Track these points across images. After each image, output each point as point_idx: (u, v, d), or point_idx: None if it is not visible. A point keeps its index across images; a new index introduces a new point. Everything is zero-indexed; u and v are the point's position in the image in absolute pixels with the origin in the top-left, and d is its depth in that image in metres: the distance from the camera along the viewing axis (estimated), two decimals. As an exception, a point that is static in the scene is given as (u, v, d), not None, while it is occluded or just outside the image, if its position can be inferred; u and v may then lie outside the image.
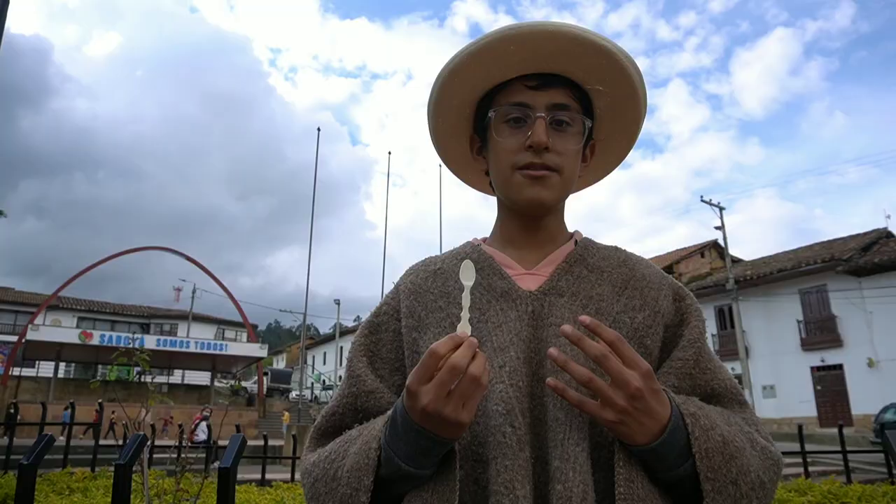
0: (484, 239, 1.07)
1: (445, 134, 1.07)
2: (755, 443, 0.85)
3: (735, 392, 0.93)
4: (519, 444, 0.79)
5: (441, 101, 1.01)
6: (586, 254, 0.98)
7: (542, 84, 0.94)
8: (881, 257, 21.62)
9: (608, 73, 0.95)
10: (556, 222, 1.02)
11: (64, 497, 4.79)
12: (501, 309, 0.91)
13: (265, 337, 66.84)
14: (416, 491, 0.81)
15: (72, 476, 5.90)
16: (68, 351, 27.94)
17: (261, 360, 32.66)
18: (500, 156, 0.96)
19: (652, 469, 0.80)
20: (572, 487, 0.75)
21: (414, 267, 1.07)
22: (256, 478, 6.76)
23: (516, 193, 0.95)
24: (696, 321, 0.95)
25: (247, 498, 4.69)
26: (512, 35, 0.92)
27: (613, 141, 1.06)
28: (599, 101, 0.99)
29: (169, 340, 30.22)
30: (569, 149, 0.94)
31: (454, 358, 0.72)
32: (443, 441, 0.76)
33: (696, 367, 0.90)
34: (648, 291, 0.95)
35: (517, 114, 0.94)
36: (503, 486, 0.76)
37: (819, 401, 23.08)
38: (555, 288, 0.93)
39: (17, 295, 40.61)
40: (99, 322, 39.74)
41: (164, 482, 4.19)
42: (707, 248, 31.87)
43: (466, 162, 1.10)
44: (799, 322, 24.01)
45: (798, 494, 4.88)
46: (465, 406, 0.73)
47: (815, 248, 26.14)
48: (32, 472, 1.81)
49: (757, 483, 0.81)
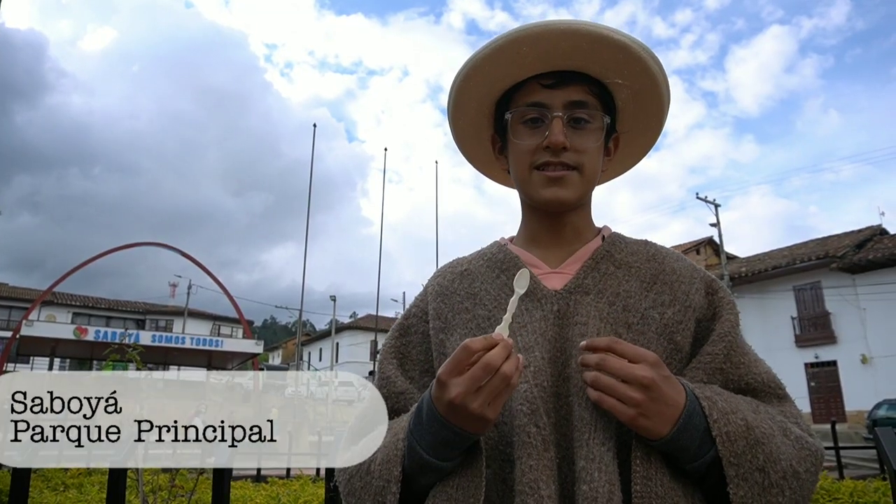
0: (511, 238, 1.07)
1: (467, 136, 1.08)
2: (788, 432, 0.83)
3: (773, 386, 0.91)
4: (544, 443, 0.79)
5: (458, 105, 1.02)
6: (613, 250, 0.97)
7: (558, 82, 0.94)
8: (875, 254, 21.72)
9: (626, 67, 0.94)
10: (581, 219, 1.01)
11: (59, 493, 4.79)
12: (527, 309, 0.91)
13: (261, 333, 66.80)
14: (442, 486, 0.81)
15: (66, 472, 5.88)
16: (63, 347, 27.84)
17: (256, 357, 32.62)
18: (518, 157, 0.96)
19: (677, 462, 0.79)
20: (598, 488, 0.74)
21: (442, 269, 1.07)
22: (252, 474, 6.77)
23: (535, 193, 0.95)
24: (729, 314, 0.93)
25: (242, 494, 4.70)
26: (523, 36, 0.91)
27: (638, 132, 1.05)
28: (620, 94, 0.98)
29: (164, 336, 30.15)
30: (588, 146, 0.93)
31: (490, 355, 0.73)
32: (466, 435, 0.77)
33: (726, 361, 0.88)
34: (679, 286, 0.94)
35: (534, 114, 0.94)
36: (528, 485, 0.76)
37: (813, 397, 23.19)
38: (581, 286, 0.92)
39: (11, 290, 40.43)
40: (94, 318, 39.57)
41: (159, 478, 4.19)
42: (702, 244, 31.97)
43: (490, 161, 1.10)
44: (793, 318, 24.12)
45: (791, 490, 4.90)
46: (491, 404, 0.74)
47: (810, 245, 26.23)
48: (26, 469, 1.80)
49: (789, 472, 0.79)
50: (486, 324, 0.92)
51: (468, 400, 0.73)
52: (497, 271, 0.98)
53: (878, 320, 21.28)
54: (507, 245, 1.03)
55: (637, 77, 0.95)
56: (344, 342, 46.07)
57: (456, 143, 1.10)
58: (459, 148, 1.11)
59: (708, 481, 0.80)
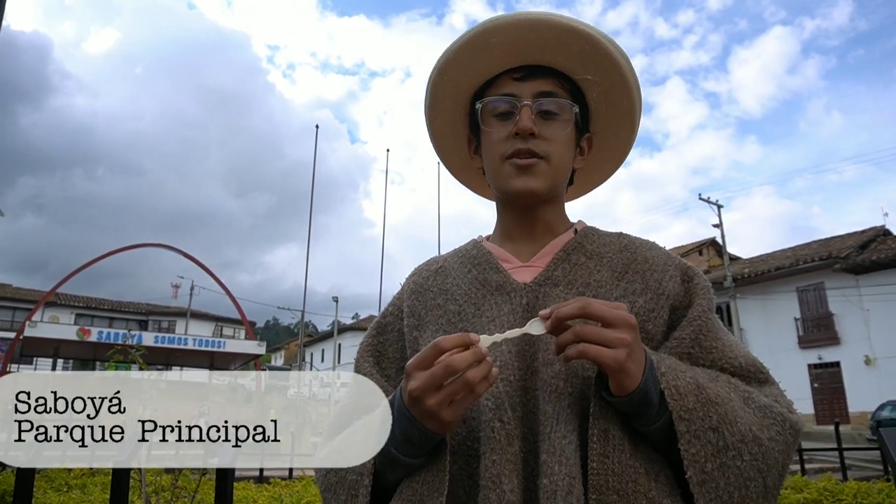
0: (488, 237, 1.07)
1: (444, 136, 1.08)
2: (750, 401, 0.81)
3: (753, 369, 0.88)
4: (508, 438, 0.79)
5: (434, 102, 1.02)
6: (585, 241, 0.97)
7: (527, 75, 0.95)
8: (879, 255, 21.67)
9: (594, 61, 0.94)
10: (554, 213, 1.01)
11: (62, 493, 4.80)
12: (496, 303, 0.91)
13: (263, 334, 66.80)
14: (408, 482, 0.82)
15: (70, 473, 5.90)
16: (66, 347, 27.89)
17: (259, 358, 32.64)
18: (489, 147, 0.97)
19: (639, 424, 0.78)
20: (557, 481, 0.74)
21: (419, 267, 1.08)
22: (255, 474, 6.77)
23: (506, 183, 0.95)
24: (701, 300, 0.91)
25: (245, 495, 4.70)
26: (493, 27, 0.92)
27: (612, 134, 1.05)
28: (591, 92, 0.99)
29: (167, 337, 30.19)
30: (557, 135, 0.94)
31: (454, 357, 0.73)
32: (427, 433, 0.77)
33: (694, 345, 0.86)
34: (651, 274, 0.93)
35: (505, 104, 0.94)
36: (491, 480, 0.76)
37: (816, 398, 23.14)
38: (550, 278, 0.92)
39: (14, 291, 40.53)
40: (97, 319, 39.66)
41: (162, 479, 4.19)
42: (705, 245, 31.94)
43: (466, 163, 1.10)
44: (796, 320, 24.06)
45: (794, 491, 4.89)
46: (450, 405, 0.74)
47: (813, 246, 26.17)
48: (30, 469, 1.81)
49: (749, 437, 0.77)
50: (457, 318, 0.93)
51: (425, 395, 0.73)
52: (469, 266, 0.99)
53: (881, 321, 21.20)
54: (483, 242, 1.03)
55: (606, 72, 0.95)
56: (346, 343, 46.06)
57: (433, 144, 1.10)
58: (436, 150, 1.11)
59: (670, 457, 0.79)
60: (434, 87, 1.00)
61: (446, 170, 1.14)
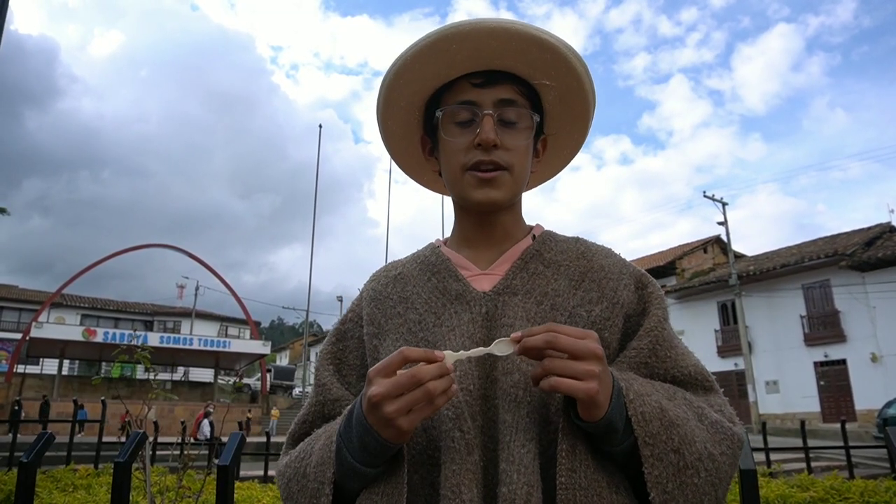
0: (446, 240, 1.06)
1: (396, 136, 1.06)
2: (703, 417, 0.84)
3: (700, 378, 0.91)
4: (468, 447, 0.79)
5: (389, 104, 1.01)
6: (543, 249, 0.98)
7: (487, 81, 0.94)
8: (885, 252, 21.55)
9: (553, 68, 0.94)
10: (512, 219, 1.01)
11: (67, 494, 4.81)
12: (455, 312, 0.91)
13: (268, 334, 66.96)
14: (367, 493, 0.82)
15: (75, 473, 5.92)
16: (72, 348, 28.03)
17: (264, 358, 32.71)
18: (449, 156, 0.95)
19: (603, 447, 0.79)
20: (516, 490, 0.74)
21: (377, 273, 1.08)
22: (259, 474, 6.78)
23: (467, 194, 0.94)
24: (656, 309, 0.93)
25: (249, 495, 4.70)
26: (452, 34, 0.91)
27: (565, 135, 1.06)
28: (548, 96, 0.99)
29: (172, 338, 30.29)
30: (518, 145, 0.93)
31: (421, 368, 0.73)
32: (384, 442, 0.77)
33: (651, 355, 0.89)
34: (607, 283, 0.94)
35: (464, 112, 0.94)
36: (450, 490, 0.76)
37: (822, 396, 23.05)
38: (509, 287, 0.92)
39: (20, 293, 40.75)
40: (102, 319, 39.83)
41: (167, 479, 4.20)
42: (710, 243, 31.82)
43: (419, 163, 1.09)
44: (802, 317, 23.96)
45: (800, 490, 4.87)
46: (409, 414, 0.74)
47: (819, 243, 26.07)
48: (32, 469, 1.81)
49: (705, 454, 0.79)
50: (417, 327, 0.92)
51: (386, 402, 0.73)
52: (429, 274, 0.98)
53: (887, 318, 21.10)
54: (441, 247, 1.03)
55: (563, 78, 0.96)
56: (351, 343, 46.01)
57: (384, 144, 1.08)
58: (388, 149, 1.09)
59: (629, 470, 0.81)
60: (389, 89, 0.98)
61: (396, 166, 1.13)
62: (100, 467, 6.47)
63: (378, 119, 1.04)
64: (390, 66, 0.97)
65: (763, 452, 6.72)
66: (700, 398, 0.89)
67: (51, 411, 22.20)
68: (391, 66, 0.97)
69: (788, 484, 5.16)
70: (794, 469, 7.21)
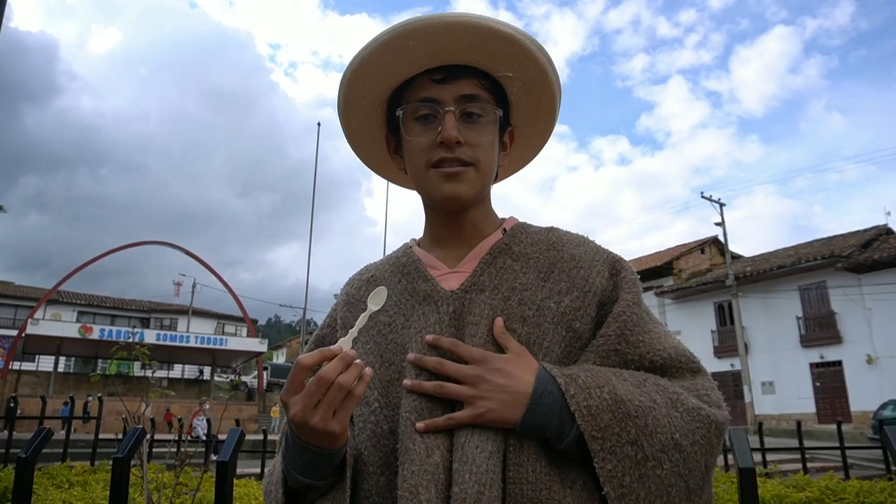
0: (419, 240, 1.06)
1: (359, 135, 1.05)
2: (678, 403, 0.81)
3: (684, 360, 0.88)
4: (427, 450, 0.79)
5: (349, 104, 0.99)
6: (512, 242, 0.96)
7: (448, 77, 0.92)
8: (881, 254, 21.61)
9: (514, 59, 0.92)
10: (481, 214, 0.99)
11: (64, 490, 4.79)
12: (423, 313, 0.90)
13: (265, 332, 66.90)
14: (319, 501, 0.85)
15: (71, 470, 5.90)
16: (68, 345, 27.95)
17: (261, 355, 32.68)
18: (413, 155, 0.94)
19: (548, 442, 0.80)
20: (466, 489, 0.75)
21: (352, 277, 1.08)
22: (256, 472, 6.77)
23: (433, 191, 0.93)
24: (627, 293, 0.91)
25: (246, 492, 4.70)
26: (408, 30, 0.89)
27: (532, 125, 1.04)
28: (512, 87, 0.97)
29: (169, 335, 30.24)
30: (482, 140, 0.92)
31: (322, 370, 0.73)
32: (324, 453, 0.78)
33: (621, 342, 0.86)
34: (577, 272, 0.92)
35: (426, 110, 0.92)
36: (408, 491, 0.77)
37: (818, 397, 23.10)
38: (476, 284, 0.91)
39: (16, 289, 40.59)
40: (99, 316, 39.71)
41: (164, 476, 4.19)
42: (707, 244, 31.85)
43: (385, 162, 1.08)
44: (798, 318, 24.01)
45: (796, 490, 4.88)
46: (335, 416, 0.74)
47: (815, 245, 26.12)
48: (30, 466, 1.81)
49: (669, 445, 0.77)
50: (387, 330, 0.93)
51: (308, 416, 0.73)
52: (399, 276, 0.98)
53: (883, 320, 21.16)
54: (413, 247, 1.02)
55: (526, 69, 0.94)
56: (348, 341, 45.97)
57: (349, 143, 1.06)
58: (353, 148, 1.08)
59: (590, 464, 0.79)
60: (348, 88, 0.96)
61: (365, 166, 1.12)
62: (96, 464, 6.46)
63: (340, 119, 1.02)
64: (348, 65, 0.94)
65: (759, 453, 6.74)
66: (685, 381, 0.86)
67: (47, 408, 22.13)
68: (349, 65, 0.94)
69: (784, 484, 5.18)
70: (790, 469, 7.23)
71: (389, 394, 0.88)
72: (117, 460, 1.75)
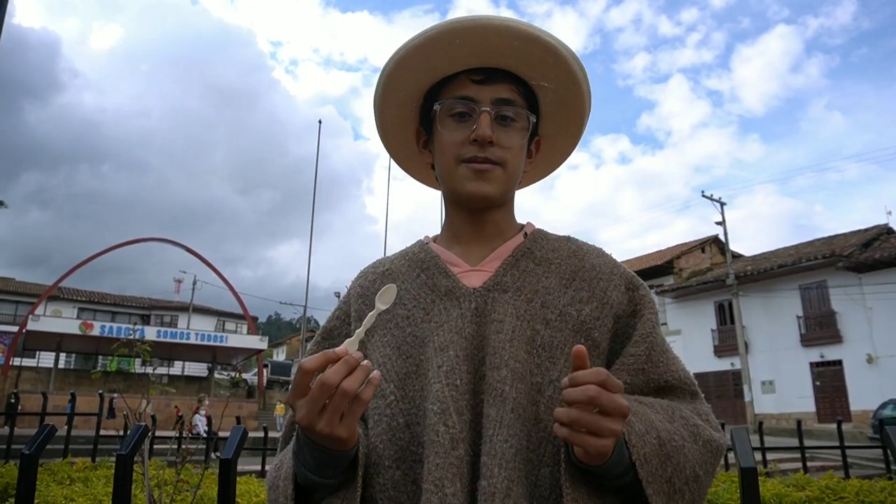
0: (435, 237, 1.07)
1: (392, 126, 1.06)
2: (698, 436, 0.86)
3: (688, 383, 0.94)
4: (452, 442, 0.79)
5: (387, 94, 1.01)
6: (534, 247, 0.98)
7: (487, 78, 0.94)
8: (882, 253, 21.60)
9: (554, 70, 0.95)
10: (503, 216, 1.01)
11: (65, 486, 4.80)
12: (445, 308, 0.91)
13: (265, 329, 66.92)
14: (329, 499, 0.84)
15: (73, 466, 5.91)
16: (69, 341, 28.01)
17: (261, 353, 32.72)
18: (445, 148, 0.96)
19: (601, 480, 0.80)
20: (496, 483, 0.75)
21: (364, 269, 1.08)
22: (256, 469, 6.78)
23: (460, 186, 0.95)
24: (649, 313, 0.95)
25: (247, 489, 4.70)
26: (458, 28, 0.91)
27: (559, 137, 1.06)
28: (545, 98, 0.99)
29: (169, 332, 30.28)
30: (513, 144, 0.94)
31: (325, 374, 0.71)
32: (334, 453, 0.77)
33: (648, 361, 0.91)
34: (597, 283, 0.95)
35: (462, 107, 0.94)
36: (433, 483, 0.77)
37: (818, 396, 23.12)
38: (499, 284, 0.92)
39: (17, 285, 40.62)
40: (99, 313, 39.76)
41: (165, 473, 4.20)
42: (708, 243, 31.84)
43: (412, 155, 1.10)
44: (799, 318, 24.02)
45: (796, 489, 4.88)
46: (342, 420, 0.73)
47: (816, 244, 26.11)
48: (33, 462, 1.81)
49: (691, 478, 0.82)
50: (405, 323, 0.93)
51: (313, 421, 0.72)
52: (418, 270, 0.98)
53: (884, 320, 21.16)
54: (429, 244, 1.03)
55: (563, 81, 0.96)
56: (348, 339, 45.96)
57: (379, 134, 1.08)
58: (382, 139, 1.09)
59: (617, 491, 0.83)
60: (389, 78, 0.98)
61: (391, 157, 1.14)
62: (97, 460, 6.47)
63: (375, 108, 1.04)
64: (392, 56, 0.96)
65: (759, 452, 6.74)
66: (689, 404, 0.92)
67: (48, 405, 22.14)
68: (393, 55, 0.96)
69: (784, 483, 5.18)
70: (790, 469, 7.23)
71: (406, 387, 0.88)
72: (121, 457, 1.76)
